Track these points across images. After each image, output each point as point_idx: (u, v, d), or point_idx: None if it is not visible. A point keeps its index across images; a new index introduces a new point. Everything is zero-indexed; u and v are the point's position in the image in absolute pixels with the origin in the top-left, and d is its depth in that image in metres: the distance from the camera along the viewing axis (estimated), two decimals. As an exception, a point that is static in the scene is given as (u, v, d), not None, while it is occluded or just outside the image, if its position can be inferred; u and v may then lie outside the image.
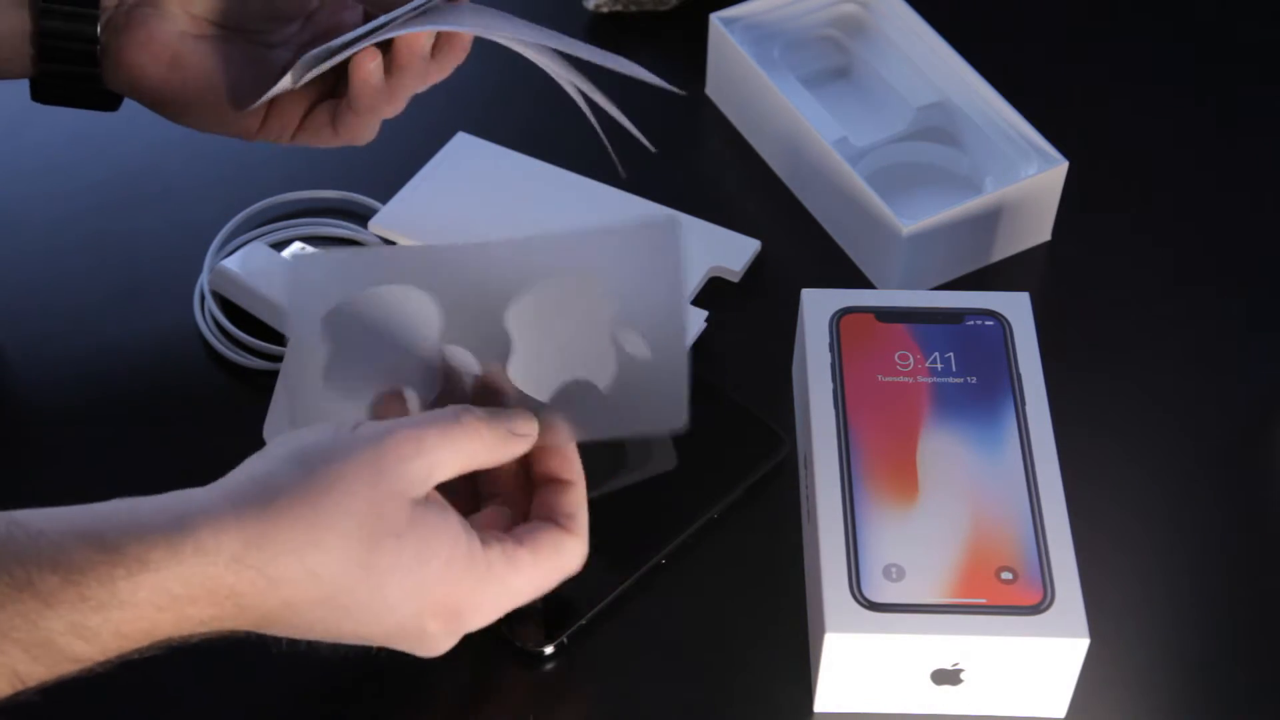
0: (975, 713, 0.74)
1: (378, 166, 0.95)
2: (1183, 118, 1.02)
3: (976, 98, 0.96)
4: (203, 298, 0.90)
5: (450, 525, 0.65)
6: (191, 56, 0.79)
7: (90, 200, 0.93)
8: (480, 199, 0.95)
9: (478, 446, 0.67)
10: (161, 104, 0.81)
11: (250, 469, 0.64)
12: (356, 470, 0.63)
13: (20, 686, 0.60)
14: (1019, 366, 0.80)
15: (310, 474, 0.62)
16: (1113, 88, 1.04)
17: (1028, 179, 0.91)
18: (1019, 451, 0.76)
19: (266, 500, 0.62)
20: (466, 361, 0.70)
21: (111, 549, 0.59)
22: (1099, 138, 0.99)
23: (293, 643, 0.65)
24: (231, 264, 0.90)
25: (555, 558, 0.68)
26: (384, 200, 0.94)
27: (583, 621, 0.76)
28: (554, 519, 0.69)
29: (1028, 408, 0.78)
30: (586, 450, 0.71)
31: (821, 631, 0.71)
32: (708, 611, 0.78)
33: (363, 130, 0.81)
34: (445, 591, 0.65)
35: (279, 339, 0.87)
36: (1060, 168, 0.92)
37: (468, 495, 0.71)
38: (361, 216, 0.94)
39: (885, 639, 0.71)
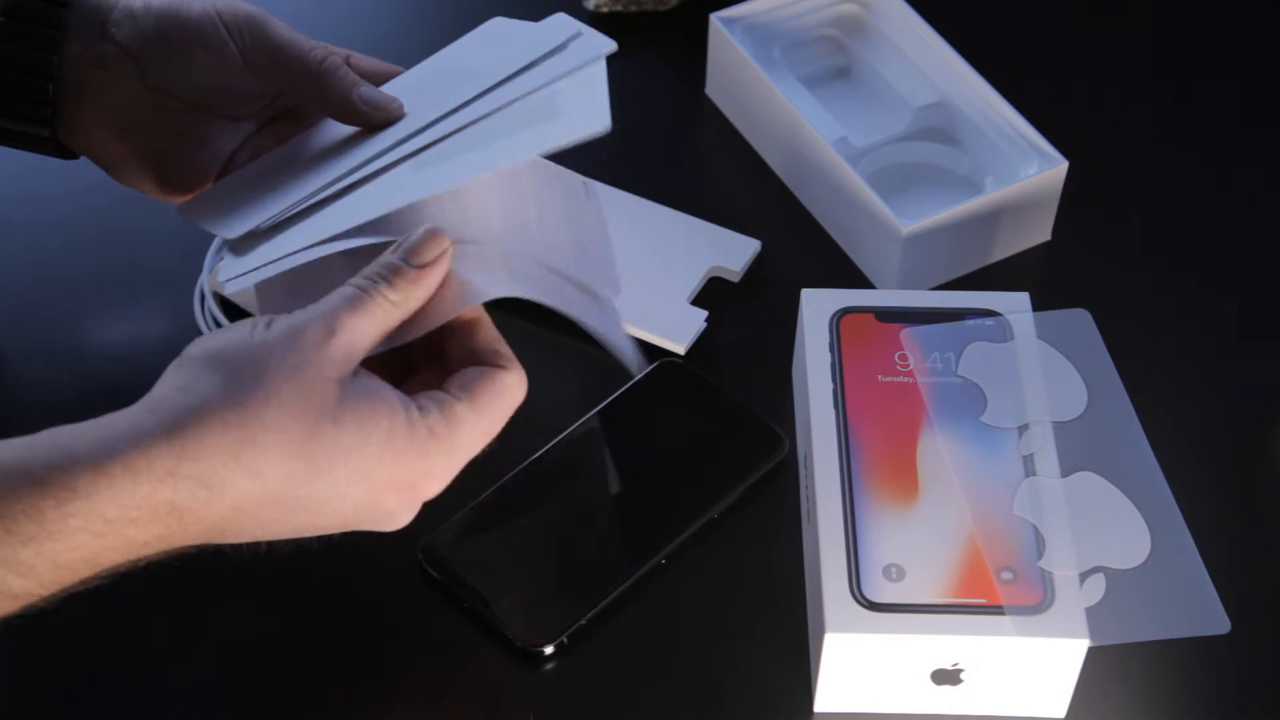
0: (975, 713, 0.74)
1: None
2: (1182, 118, 1.02)
3: (976, 98, 0.96)
4: (203, 298, 0.90)
5: (384, 397, 0.64)
6: (142, 127, 0.76)
7: (90, 200, 0.92)
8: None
9: (389, 304, 0.65)
10: (109, 167, 0.78)
11: (171, 380, 0.63)
12: (278, 364, 0.62)
13: None
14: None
15: (231, 376, 0.62)
16: (1113, 88, 1.04)
17: (1028, 179, 0.91)
18: (1019, 451, 0.76)
19: (192, 409, 0.61)
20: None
21: (37, 481, 0.58)
22: (1099, 138, 0.99)
23: (251, 547, 0.64)
24: (231, 264, 0.90)
25: (496, 400, 0.67)
26: (384, 200, 0.94)
27: (583, 621, 0.76)
28: (479, 360, 0.68)
29: (1028, 408, 0.78)
30: None
31: (821, 631, 0.71)
32: (708, 611, 0.78)
33: None
34: (393, 466, 0.64)
35: (279, 339, 0.87)
36: (1060, 168, 0.92)
37: (397, 366, 0.69)
38: (361, 216, 0.94)
39: (885, 639, 0.71)
